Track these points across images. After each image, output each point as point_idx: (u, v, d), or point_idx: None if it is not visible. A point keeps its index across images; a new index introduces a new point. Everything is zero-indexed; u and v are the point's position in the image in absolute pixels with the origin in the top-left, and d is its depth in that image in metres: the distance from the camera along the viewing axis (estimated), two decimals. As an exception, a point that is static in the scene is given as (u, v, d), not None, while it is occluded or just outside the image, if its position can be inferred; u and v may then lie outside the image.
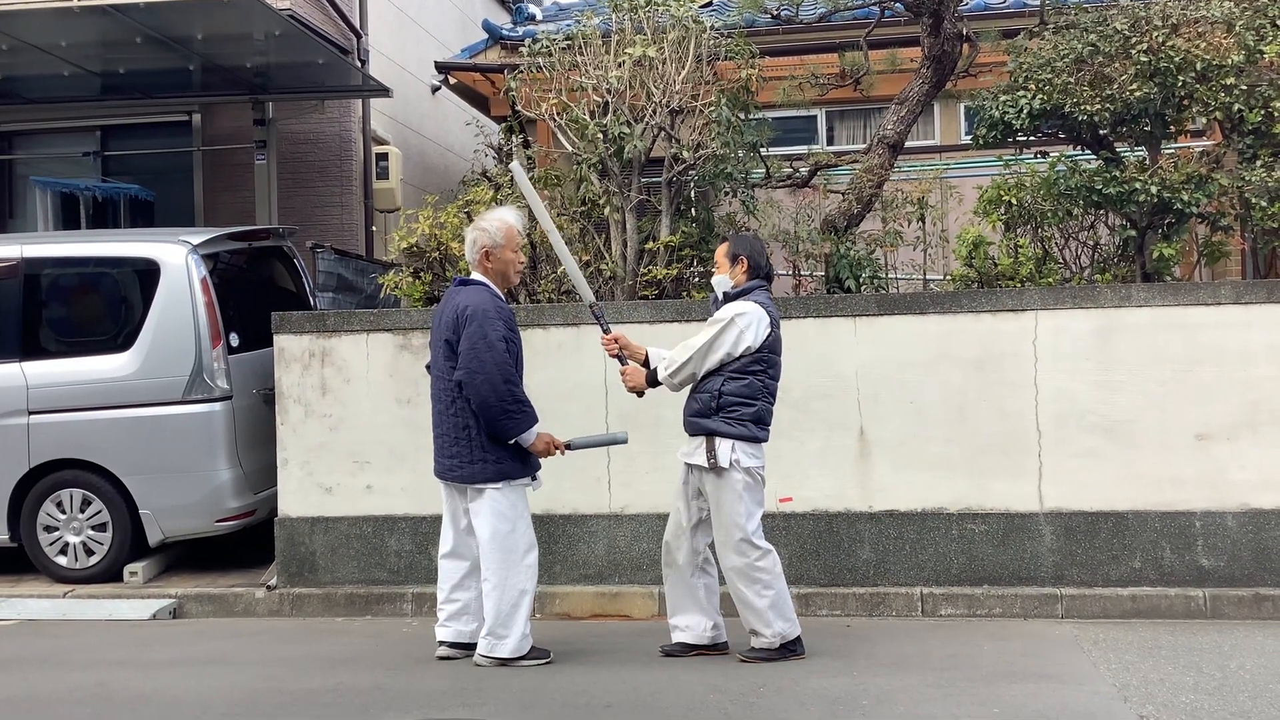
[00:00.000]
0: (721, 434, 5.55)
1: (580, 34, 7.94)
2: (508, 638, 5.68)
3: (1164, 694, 5.06)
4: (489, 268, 5.80)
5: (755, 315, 5.56)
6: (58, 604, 7.47)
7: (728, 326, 5.54)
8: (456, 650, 5.90)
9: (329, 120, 11.59)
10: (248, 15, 9.20)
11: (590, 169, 7.79)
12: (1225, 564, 6.62)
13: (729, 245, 5.83)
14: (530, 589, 5.73)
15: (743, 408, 5.56)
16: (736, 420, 5.55)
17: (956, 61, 8.19)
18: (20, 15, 9.09)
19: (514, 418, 5.62)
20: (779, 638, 5.63)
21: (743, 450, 5.57)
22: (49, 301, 8.13)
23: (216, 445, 7.63)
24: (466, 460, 5.69)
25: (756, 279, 5.72)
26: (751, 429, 5.58)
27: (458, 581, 5.89)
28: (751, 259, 5.72)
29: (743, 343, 5.54)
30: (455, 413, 5.70)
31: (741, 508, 5.56)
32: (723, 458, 5.54)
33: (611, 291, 7.72)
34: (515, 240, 5.86)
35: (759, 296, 5.66)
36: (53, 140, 12.06)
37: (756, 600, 5.59)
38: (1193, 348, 6.70)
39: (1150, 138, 7.49)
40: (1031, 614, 6.61)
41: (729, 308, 5.61)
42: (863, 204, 8.01)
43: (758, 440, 5.62)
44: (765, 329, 5.57)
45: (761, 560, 5.58)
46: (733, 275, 5.72)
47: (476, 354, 5.58)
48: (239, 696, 5.41)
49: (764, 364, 5.62)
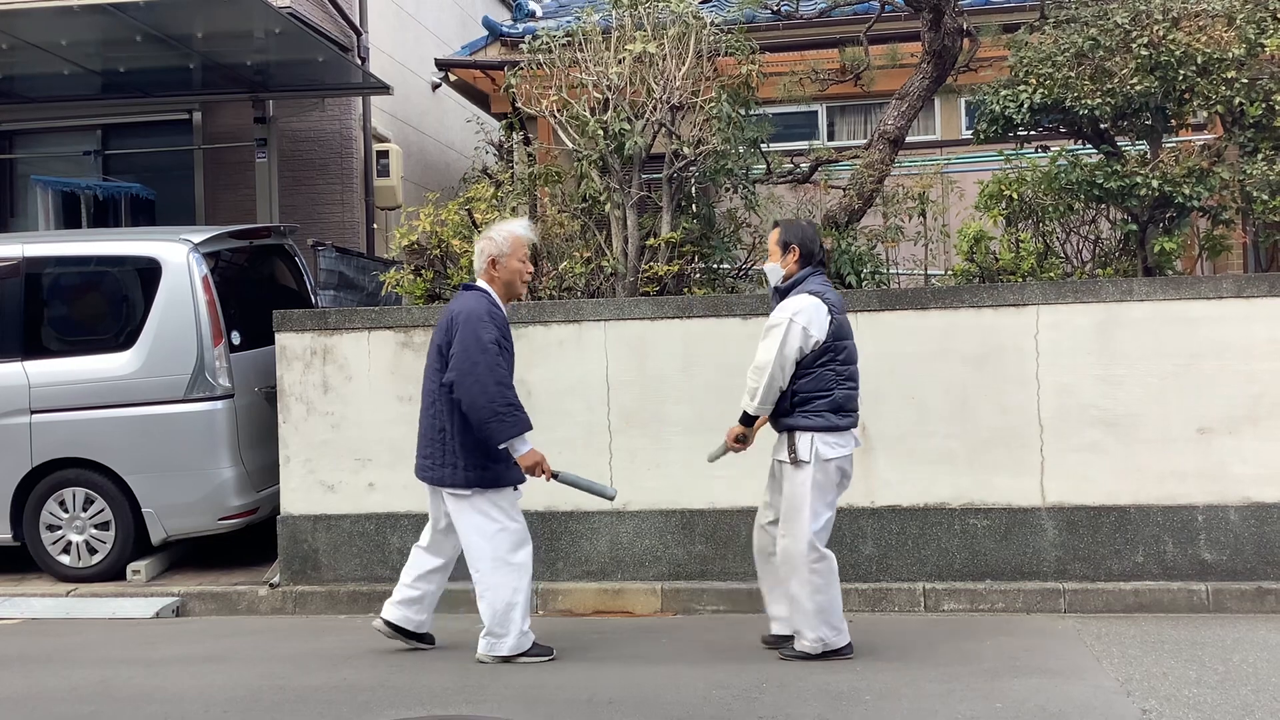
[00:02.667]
0: (801, 428, 5.48)
1: (580, 30, 7.94)
2: (506, 636, 5.69)
3: (1167, 688, 5.06)
4: (495, 276, 5.80)
5: (812, 308, 5.46)
6: (61, 602, 7.48)
7: (790, 328, 5.44)
8: (394, 632, 5.97)
9: (329, 118, 11.60)
10: (248, 13, 9.20)
11: (591, 165, 7.79)
12: (1227, 558, 6.62)
13: (780, 233, 5.71)
14: (523, 587, 5.71)
15: (818, 399, 5.48)
16: (814, 412, 5.48)
17: (957, 56, 8.18)
18: (21, 14, 9.10)
19: (504, 420, 5.55)
20: (820, 644, 5.56)
21: (823, 441, 5.48)
22: (51, 300, 8.14)
23: (218, 443, 7.64)
24: (439, 463, 5.71)
25: (809, 266, 5.62)
26: (830, 419, 5.48)
27: (423, 573, 5.95)
28: (803, 246, 5.62)
29: (811, 337, 5.44)
30: (434, 414, 5.73)
31: (808, 507, 5.49)
32: (803, 451, 5.47)
33: (613, 288, 7.72)
34: (522, 250, 5.85)
35: (813, 285, 5.55)
36: (53, 139, 12.07)
37: (807, 601, 5.53)
38: (1194, 341, 6.70)
39: (1151, 132, 7.48)
40: (1034, 609, 6.61)
41: (785, 307, 5.50)
42: (864, 199, 8.00)
43: (838, 429, 5.51)
44: (827, 318, 5.47)
45: (818, 563, 5.51)
46: (784, 264, 5.63)
47: (468, 355, 5.58)
48: (242, 694, 5.42)
49: (831, 352, 5.50)
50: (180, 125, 11.71)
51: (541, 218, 8.29)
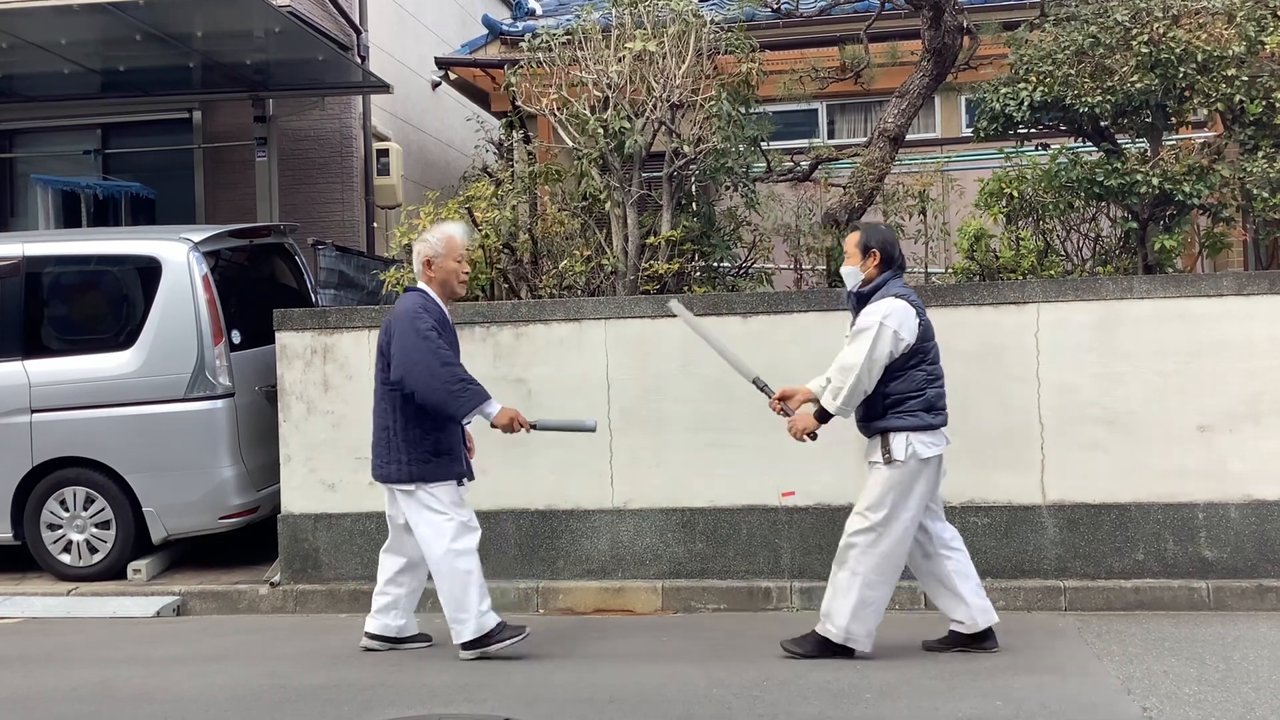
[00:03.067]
0: (895, 429, 5.44)
1: (580, 29, 7.93)
2: (467, 620, 5.76)
3: (1167, 686, 5.06)
4: (431, 276, 5.89)
5: (902, 311, 5.44)
6: (62, 601, 7.48)
7: (880, 331, 5.40)
8: (378, 642, 6.02)
9: (329, 117, 11.60)
10: (247, 12, 9.20)
11: (591, 164, 7.79)
12: (1228, 555, 6.62)
13: (860, 236, 5.66)
14: (474, 569, 5.75)
15: (912, 400, 5.46)
16: (908, 412, 5.45)
17: (957, 54, 8.18)
18: (20, 13, 9.09)
19: (460, 396, 5.65)
20: (843, 635, 5.51)
21: (919, 440, 5.45)
22: (51, 300, 8.14)
23: (219, 442, 7.64)
24: (385, 460, 5.81)
25: (888, 270, 5.59)
26: (925, 418, 5.46)
27: (391, 576, 6.00)
28: (884, 250, 5.58)
29: (901, 342, 5.42)
30: (380, 413, 5.84)
31: (876, 494, 5.46)
32: (898, 451, 5.42)
33: (613, 286, 7.72)
34: (457, 251, 5.92)
35: (896, 288, 5.53)
36: (53, 138, 12.07)
37: (855, 591, 5.47)
38: (1195, 339, 6.69)
39: (1151, 129, 7.48)
40: (1035, 606, 6.61)
41: (874, 310, 5.46)
42: (864, 197, 8.00)
43: (933, 427, 5.49)
44: (915, 321, 5.46)
45: (889, 560, 5.47)
46: (864, 268, 5.59)
47: (408, 349, 5.66)
48: (243, 693, 5.42)
49: (920, 354, 5.50)
50: (180, 124, 11.71)
51: (542, 216, 8.29)
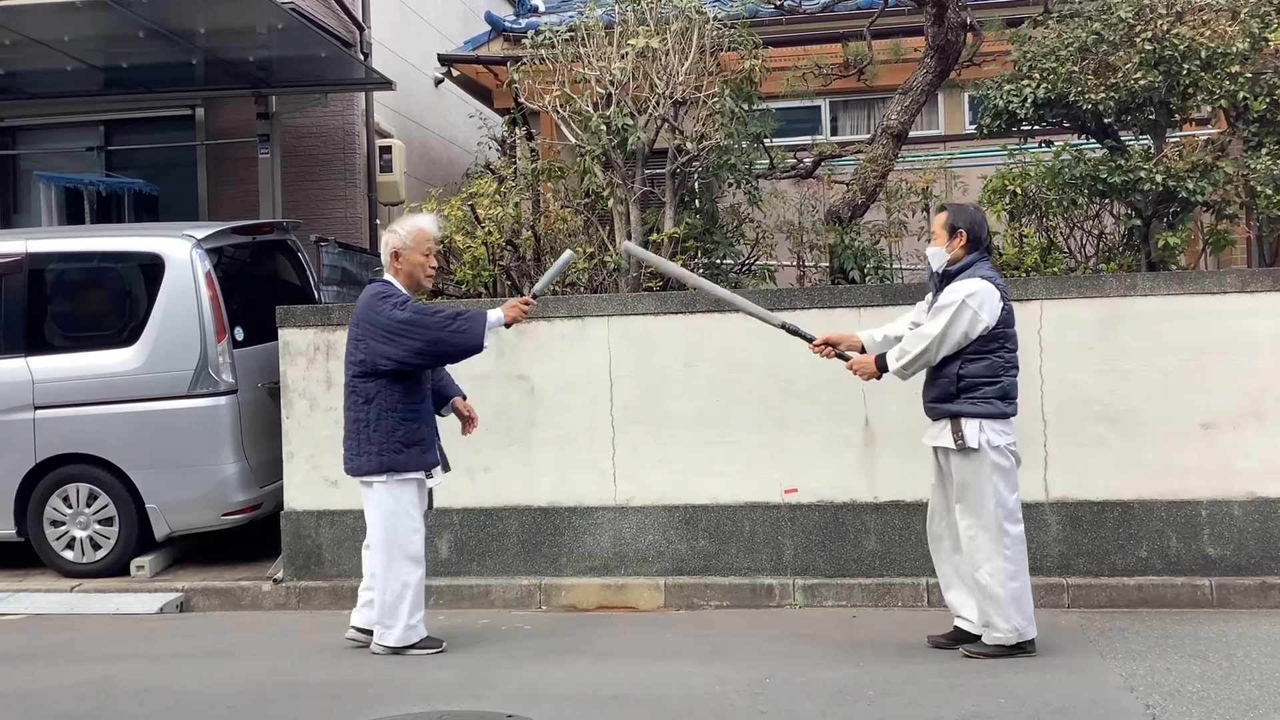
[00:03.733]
0: (968, 414, 5.39)
1: (583, 25, 7.93)
2: (393, 627, 5.83)
3: (1170, 683, 5.06)
4: (398, 268, 5.94)
5: (986, 292, 5.39)
6: (65, 598, 7.48)
7: (960, 309, 5.36)
8: (362, 634, 6.04)
9: (332, 114, 11.59)
10: (250, 9, 9.20)
11: (594, 161, 7.79)
12: (1231, 553, 6.62)
13: (948, 216, 5.59)
14: (413, 582, 5.82)
15: (986, 386, 5.40)
16: (981, 399, 5.40)
17: (960, 51, 8.17)
18: (23, 10, 9.09)
19: (464, 330, 5.71)
20: (1015, 634, 5.45)
21: (991, 429, 5.40)
22: (54, 297, 8.14)
23: (222, 439, 7.64)
24: (355, 453, 5.86)
25: (975, 252, 5.53)
26: (999, 405, 5.41)
27: (374, 571, 6.00)
28: (972, 231, 5.52)
29: (979, 323, 5.37)
30: (349, 406, 5.90)
31: (991, 491, 5.40)
32: (970, 438, 5.38)
33: (616, 283, 7.72)
34: (425, 244, 5.96)
35: (983, 270, 5.47)
36: (56, 135, 12.07)
37: (999, 588, 5.42)
38: (1198, 336, 6.69)
39: (1155, 126, 7.47)
40: (1038, 604, 6.53)
41: (958, 288, 5.40)
42: (867, 194, 7.99)
43: (1006, 416, 5.44)
44: (998, 304, 5.41)
45: (1012, 547, 5.42)
46: (950, 249, 5.53)
47: (393, 332, 5.71)
48: (246, 689, 5.42)
49: (1001, 339, 5.44)
50: (183, 121, 11.70)
51: (545, 213, 8.29)
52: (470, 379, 6.73)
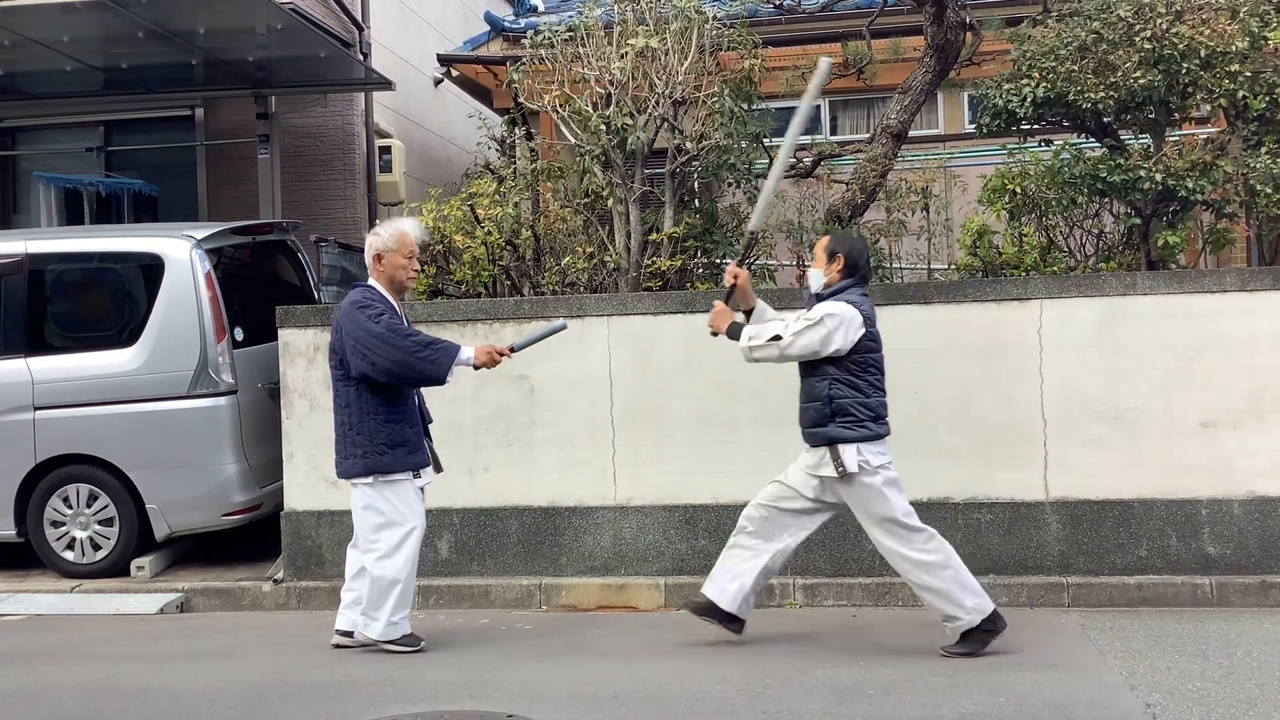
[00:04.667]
0: (844, 439, 5.50)
1: (582, 25, 7.93)
2: (376, 621, 5.89)
3: (1171, 682, 5.06)
4: (380, 270, 5.97)
5: (847, 316, 5.49)
6: (65, 598, 7.49)
7: (816, 326, 5.48)
8: (345, 638, 6.05)
9: (332, 114, 11.60)
10: (249, 9, 9.20)
11: (593, 161, 7.79)
12: (1231, 552, 6.62)
13: (829, 241, 5.78)
14: (403, 579, 5.85)
15: (857, 410, 5.52)
16: (855, 423, 5.51)
17: (960, 50, 8.17)
18: (23, 10, 9.09)
19: (432, 358, 5.75)
20: (977, 612, 5.52)
21: (868, 450, 5.51)
22: (54, 297, 8.14)
23: (222, 440, 7.64)
24: (342, 456, 5.90)
25: (851, 279, 5.65)
26: (872, 428, 5.53)
27: (356, 572, 6.04)
28: (849, 258, 5.66)
29: (831, 344, 5.47)
30: (337, 408, 5.94)
31: (885, 503, 5.52)
32: (849, 463, 5.49)
33: (616, 283, 7.72)
34: (407, 247, 5.97)
35: (852, 295, 5.59)
36: (56, 136, 12.07)
37: (938, 581, 5.51)
38: (1198, 335, 6.69)
39: (1154, 125, 7.47)
40: (1038, 603, 6.60)
41: (821, 307, 5.54)
42: (867, 194, 8.00)
43: (880, 437, 5.56)
44: (857, 330, 5.50)
45: (927, 542, 5.53)
46: (827, 272, 5.66)
47: (361, 340, 5.74)
48: (246, 689, 5.43)
49: (863, 363, 5.55)
50: (183, 121, 11.71)
51: (544, 213, 8.29)
52: (471, 378, 6.74)
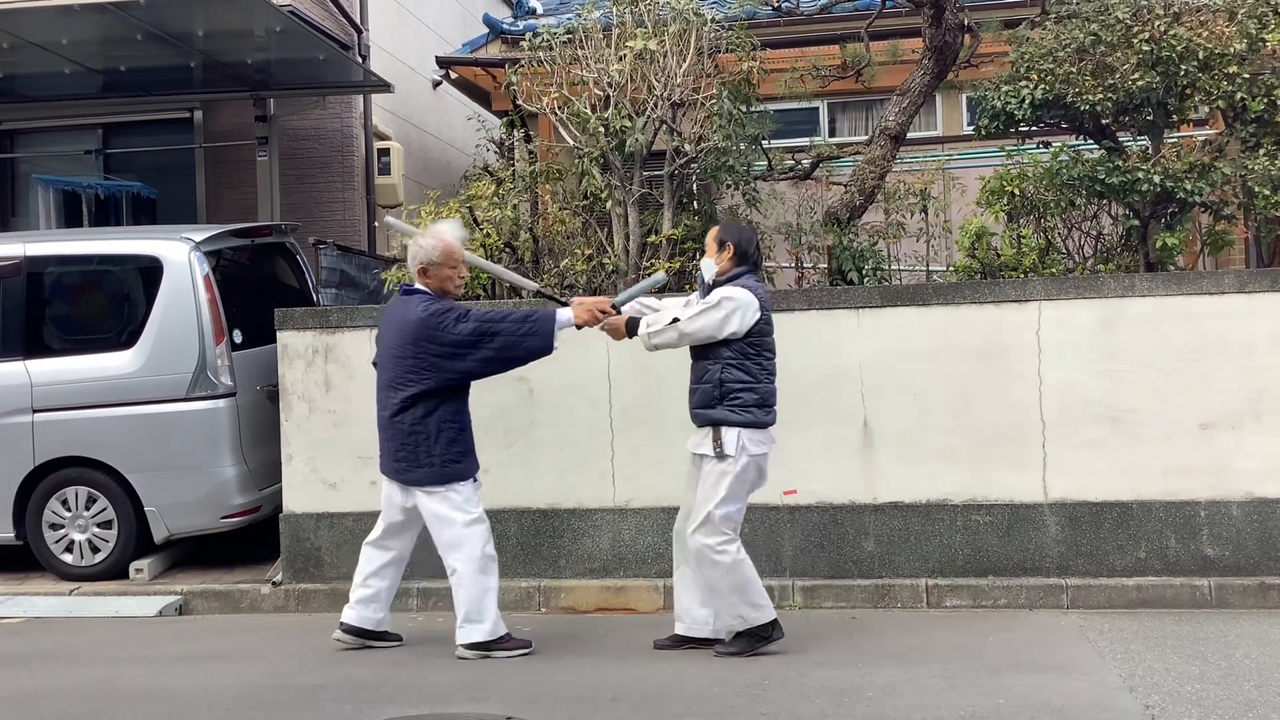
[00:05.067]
0: (729, 423, 5.56)
1: (581, 28, 7.93)
2: (482, 622, 5.80)
3: (1170, 683, 5.06)
4: (426, 282, 5.88)
5: (743, 301, 5.57)
6: (64, 601, 7.48)
7: (713, 309, 5.56)
8: (352, 636, 6.00)
9: (330, 116, 11.59)
10: (248, 11, 9.20)
11: (592, 163, 7.79)
12: (1230, 553, 6.62)
13: (718, 231, 5.88)
14: (493, 585, 5.82)
15: (746, 394, 5.57)
16: (741, 407, 5.56)
17: (958, 52, 8.18)
18: (21, 13, 9.09)
19: (533, 334, 5.67)
20: (741, 621, 5.61)
21: (749, 438, 5.57)
22: (52, 300, 8.14)
23: (221, 442, 7.64)
24: (413, 464, 5.78)
25: (743, 266, 5.73)
26: (757, 414, 5.58)
27: (376, 570, 5.98)
28: (739, 246, 5.74)
29: (728, 326, 5.54)
30: (401, 420, 5.77)
31: (722, 490, 5.55)
32: (729, 446, 5.54)
33: (614, 285, 7.72)
34: (453, 258, 5.89)
35: (747, 281, 5.67)
36: (54, 138, 12.06)
37: (722, 583, 5.59)
38: (1196, 337, 6.69)
39: (1153, 127, 7.47)
40: (1037, 605, 6.61)
41: (718, 291, 5.63)
42: (865, 196, 8.00)
43: (764, 425, 5.62)
44: (754, 314, 5.58)
45: (728, 544, 5.57)
46: (719, 261, 5.74)
47: (460, 346, 5.65)
48: (245, 692, 5.42)
49: (757, 347, 5.63)
50: (181, 124, 11.70)
51: (543, 215, 8.29)
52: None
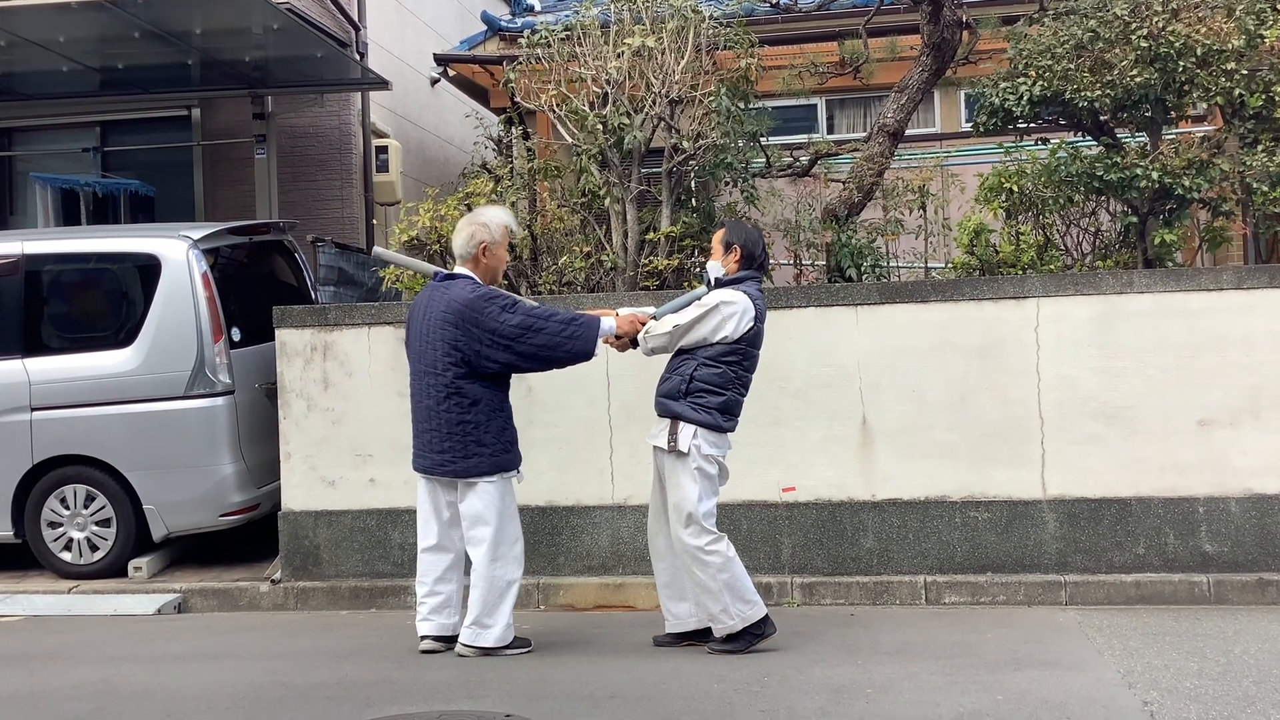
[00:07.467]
0: (686, 419, 5.56)
1: (579, 25, 7.93)
2: (493, 627, 5.74)
3: (1168, 680, 5.06)
4: (484, 263, 5.82)
5: (740, 306, 5.56)
6: (63, 599, 7.48)
7: (710, 312, 5.56)
8: (440, 644, 5.93)
9: (328, 114, 11.60)
10: (246, 9, 9.20)
11: (590, 160, 7.79)
12: (1229, 549, 6.62)
13: (725, 232, 5.84)
14: (517, 579, 5.80)
15: (711, 395, 5.57)
16: (703, 407, 5.56)
17: (956, 49, 8.18)
18: (19, 11, 9.09)
19: (577, 336, 5.64)
20: (740, 619, 5.62)
21: (704, 438, 5.57)
22: (50, 298, 8.13)
23: (219, 440, 7.64)
24: (460, 455, 5.69)
25: (749, 269, 5.72)
26: (716, 418, 5.58)
27: (440, 574, 5.91)
28: (746, 248, 5.72)
29: (721, 331, 5.55)
30: (449, 409, 5.69)
31: (694, 491, 5.56)
32: (683, 442, 5.55)
33: (613, 282, 7.72)
34: (508, 238, 5.97)
35: (748, 288, 5.66)
36: (52, 136, 12.07)
37: (712, 582, 5.58)
38: (1195, 333, 6.69)
39: (1151, 123, 7.47)
40: (1035, 601, 6.61)
41: (715, 294, 5.63)
42: (864, 192, 8.00)
43: (721, 430, 5.61)
44: (748, 322, 5.58)
45: (715, 544, 5.58)
46: (725, 263, 5.73)
47: (505, 336, 5.60)
48: (244, 690, 5.42)
49: (739, 355, 5.62)
50: (179, 122, 11.70)
51: (541, 212, 8.28)
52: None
